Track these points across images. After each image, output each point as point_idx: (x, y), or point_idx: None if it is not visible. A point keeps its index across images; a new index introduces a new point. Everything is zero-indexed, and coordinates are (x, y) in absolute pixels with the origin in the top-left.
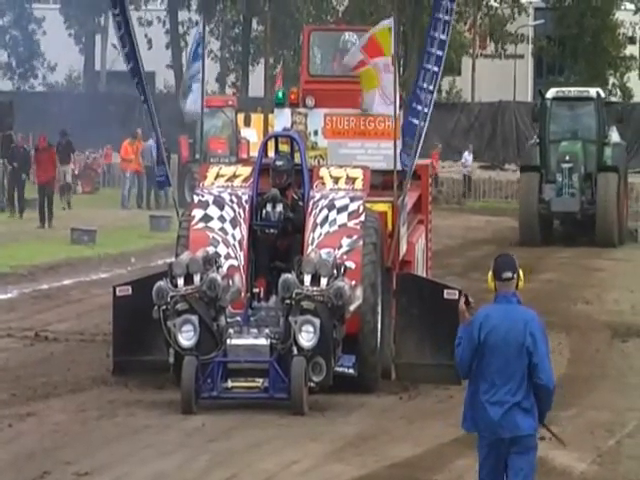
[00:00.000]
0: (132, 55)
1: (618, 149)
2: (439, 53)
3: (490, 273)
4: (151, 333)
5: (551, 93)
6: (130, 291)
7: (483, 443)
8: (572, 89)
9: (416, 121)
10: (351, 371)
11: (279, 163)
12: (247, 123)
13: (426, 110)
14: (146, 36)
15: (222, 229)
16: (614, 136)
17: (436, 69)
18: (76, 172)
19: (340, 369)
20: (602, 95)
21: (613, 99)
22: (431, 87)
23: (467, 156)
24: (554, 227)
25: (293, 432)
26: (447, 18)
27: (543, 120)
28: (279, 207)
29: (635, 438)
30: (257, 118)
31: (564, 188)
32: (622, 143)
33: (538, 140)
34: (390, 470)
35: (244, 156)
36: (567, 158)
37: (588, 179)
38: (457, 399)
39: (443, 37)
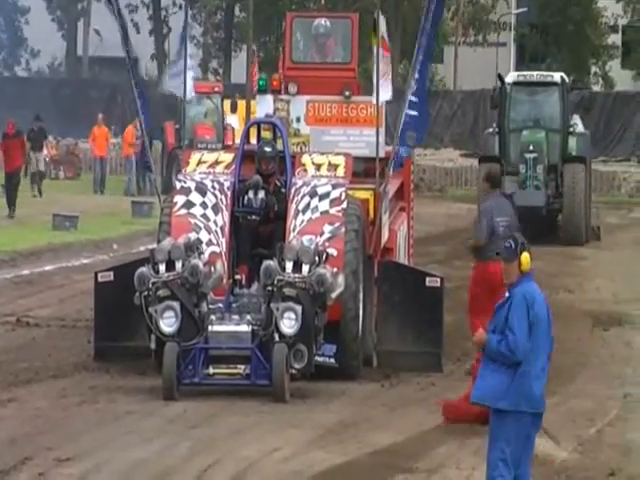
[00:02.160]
0: (125, 39)
1: (583, 139)
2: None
3: (528, 255)
4: (133, 319)
5: (511, 77)
6: (112, 277)
7: (520, 419)
8: (534, 73)
9: (412, 112)
10: (332, 361)
11: (267, 149)
12: (234, 110)
13: (414, 99)
14: (132, 21)
15: (204, 215)
16: (579, 125)
17: (421, 57)
18: (47, 160)
19: (321, 359)
20: (567, 80)
21: (595, 88)
22: (417, 76)
23: None
24: None
25: (274, 419)
26: (433, 7)
27: (502, 107)
28: (261, 194)
29: (616, 427)
30: (240, 105)
31: (528, 180)
32: (586, 133)
33: (497, 129)
34: (371, 457)
35: (229, 143)
36: (531, 148)
37: (552, 171)
38: (439, 386)
39: (427, 26)
